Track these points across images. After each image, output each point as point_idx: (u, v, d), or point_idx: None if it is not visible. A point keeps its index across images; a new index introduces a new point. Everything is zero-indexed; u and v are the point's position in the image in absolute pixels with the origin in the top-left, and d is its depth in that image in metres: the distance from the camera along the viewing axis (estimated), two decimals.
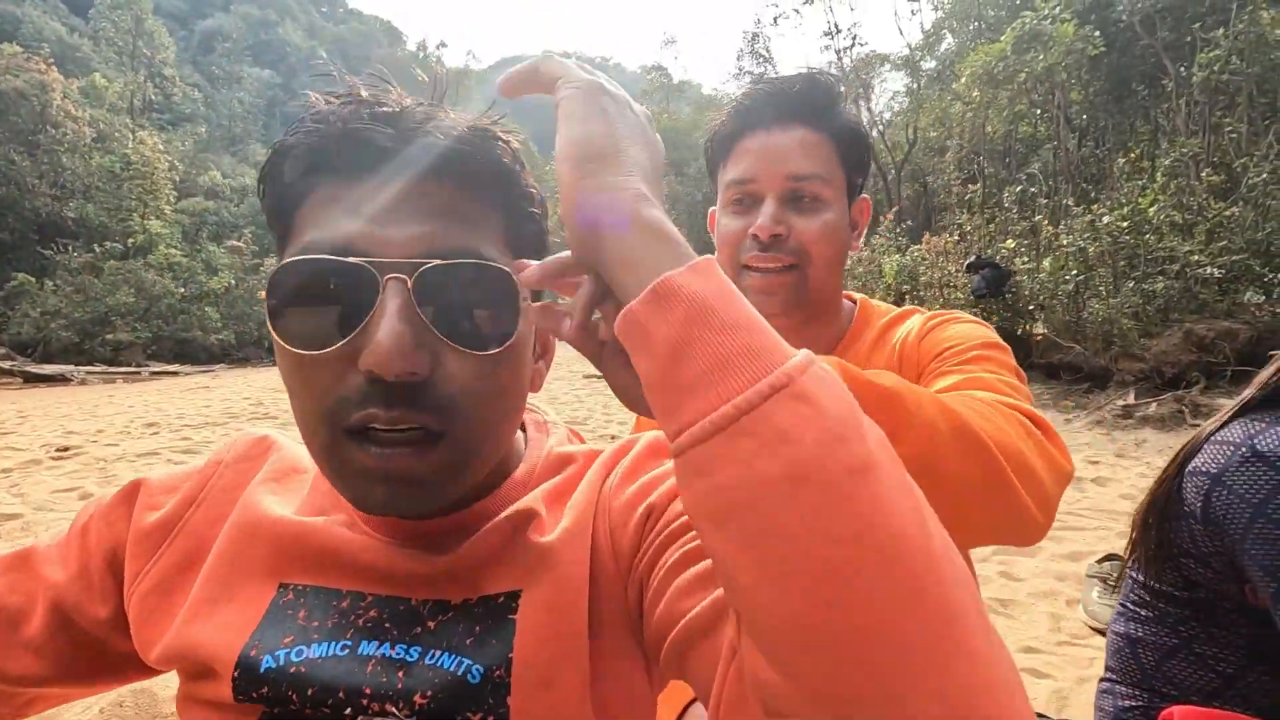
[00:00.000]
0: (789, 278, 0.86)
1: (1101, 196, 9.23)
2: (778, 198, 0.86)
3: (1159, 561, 1.12)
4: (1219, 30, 9.56)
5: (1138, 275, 6.88)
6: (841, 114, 0.91)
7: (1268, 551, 0.92)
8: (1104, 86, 12.39)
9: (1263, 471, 0.93)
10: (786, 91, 0.88)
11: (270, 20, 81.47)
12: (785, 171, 0.86)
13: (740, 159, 0.89)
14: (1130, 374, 6.39)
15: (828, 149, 0.88)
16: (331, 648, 0.51)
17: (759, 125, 0.88)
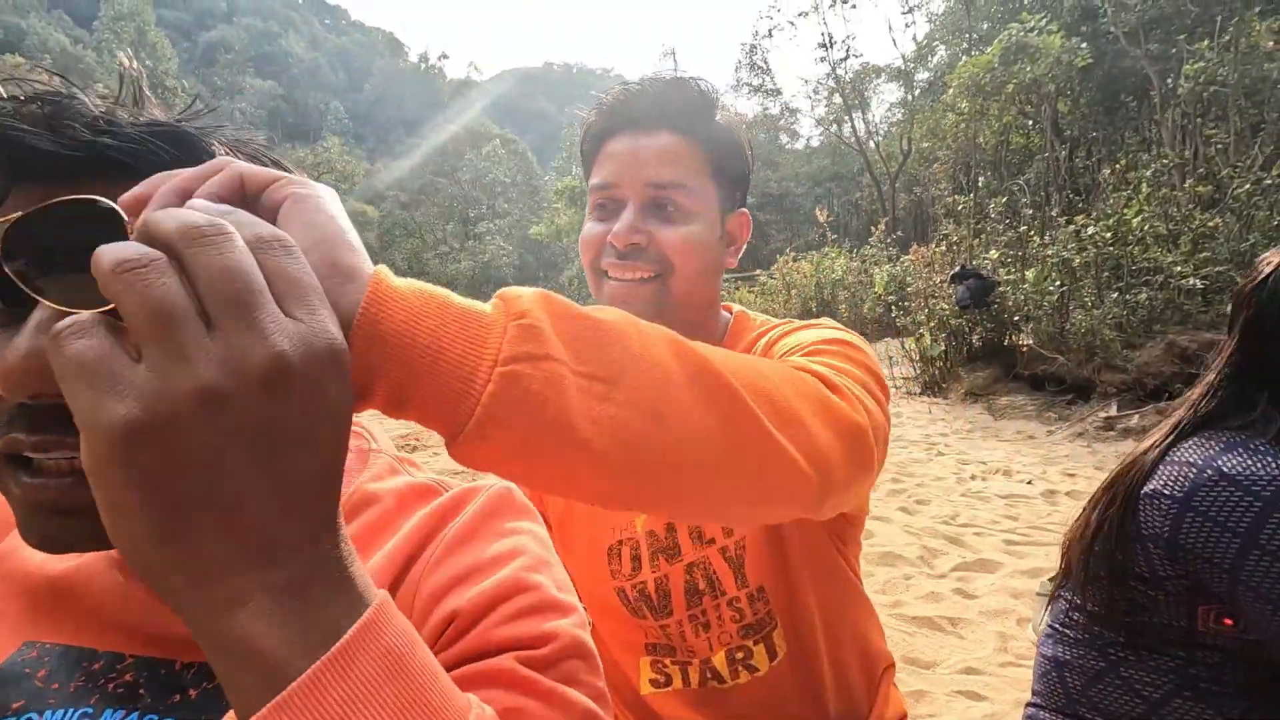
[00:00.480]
0: (649, 288, 0.82)
1: (1089, 207, 9.23)
2: (639, 205, 0.82)
3: (1100, 584, 1.10)
4: (1204, 42, 9.59)
5: (1121, 286, 6.85)
6: (716, 123, 0.86)
7: (1273, 584, 0.91)
8: (1094, 98, 12.43)
9: (1238, 497, 0.92)
10: (655, 94, 0.84)
11: (273, 32, 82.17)
12: (647, 178, 0.81)
13: (605, 162, 0.84)
14: (1113, 385, 6.34)
15: (697, 158, 0.84)
16: (69, 715, 0.45)
17: (625, 128, 0.83)
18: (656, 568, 0.88)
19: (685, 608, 0.88)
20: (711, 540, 0.87)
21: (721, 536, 0.87)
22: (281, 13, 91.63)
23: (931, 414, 7.09)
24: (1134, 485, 1.05)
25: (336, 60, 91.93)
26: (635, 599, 0.90)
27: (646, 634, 0.92)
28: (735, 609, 0.88)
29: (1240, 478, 0.91)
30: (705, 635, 0.89)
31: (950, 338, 8.04)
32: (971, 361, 7.90)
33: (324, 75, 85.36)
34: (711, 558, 0.87)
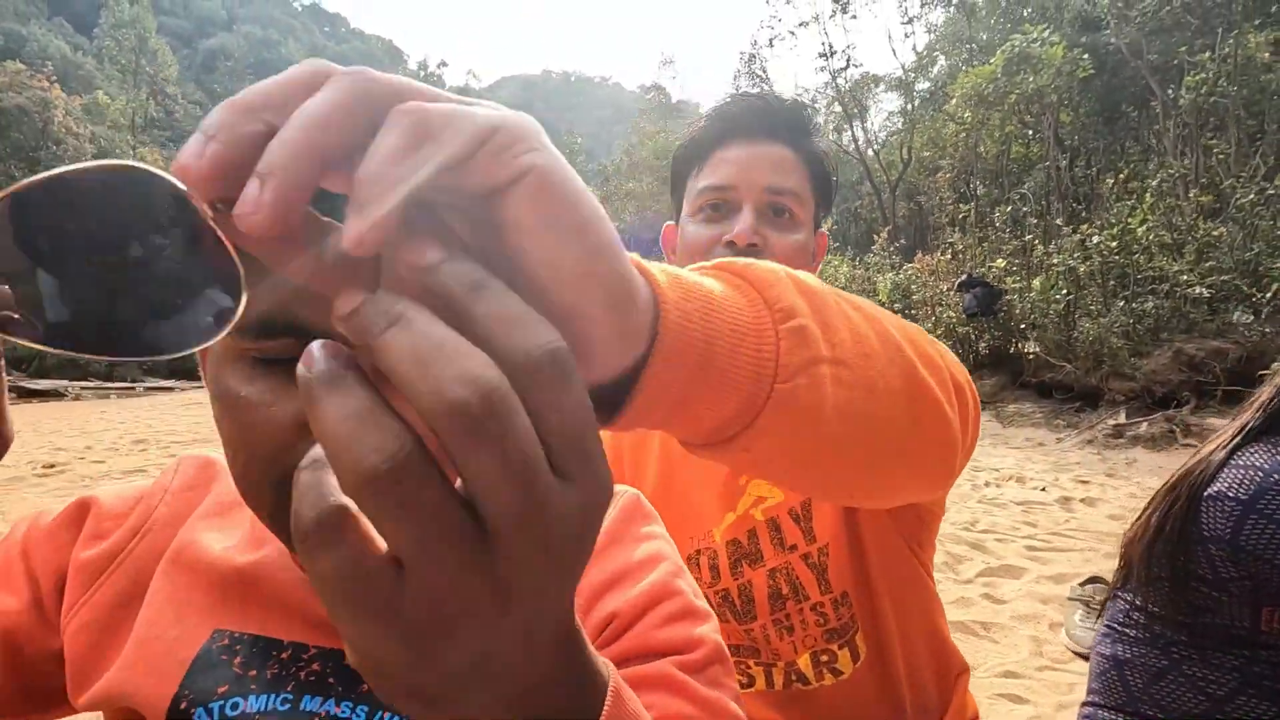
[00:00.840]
0: None
1: (1092, 216, 9.31)
2: (755, 208, 0.86)
3: (1162, 586, 1.12)
4: (1205, 54, 9.70)
5: (1127, 295, 6.91)
6: (818, 143, 0.92)
7: None
8: (1095, 108, 12.55)
9: None
10: (773, 108, 0.89)
11: (273, 40, 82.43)
12: (766, 183, 0.86)
13: (718, 167, 0.88)
14: (1121, 393, 6.39)
15: (802, 172, 0.89)
16: (271, 701, 0.47)
17: (741, 135, 0.87)
18: (739, 574, 0.90)
19: (769, 612, 0.90)
20: (794, 546, 0.89)
21: (804, 543, 0.89)
22: (281, 20, 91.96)
23: None
24: (1197, 487, 1.07)
25: None
26: (718, 604, 0.91)
27: (729, 636, 0.93)
28: (819, 613, 0.89)
29: None
30: (790, 638, 0.90)
31: (957, 345, 8.09)
32: (979, 369, 7.95)
33: None
34: (794, 563, 0.89)
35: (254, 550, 0.53)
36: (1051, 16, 12.81)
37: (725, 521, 0.90)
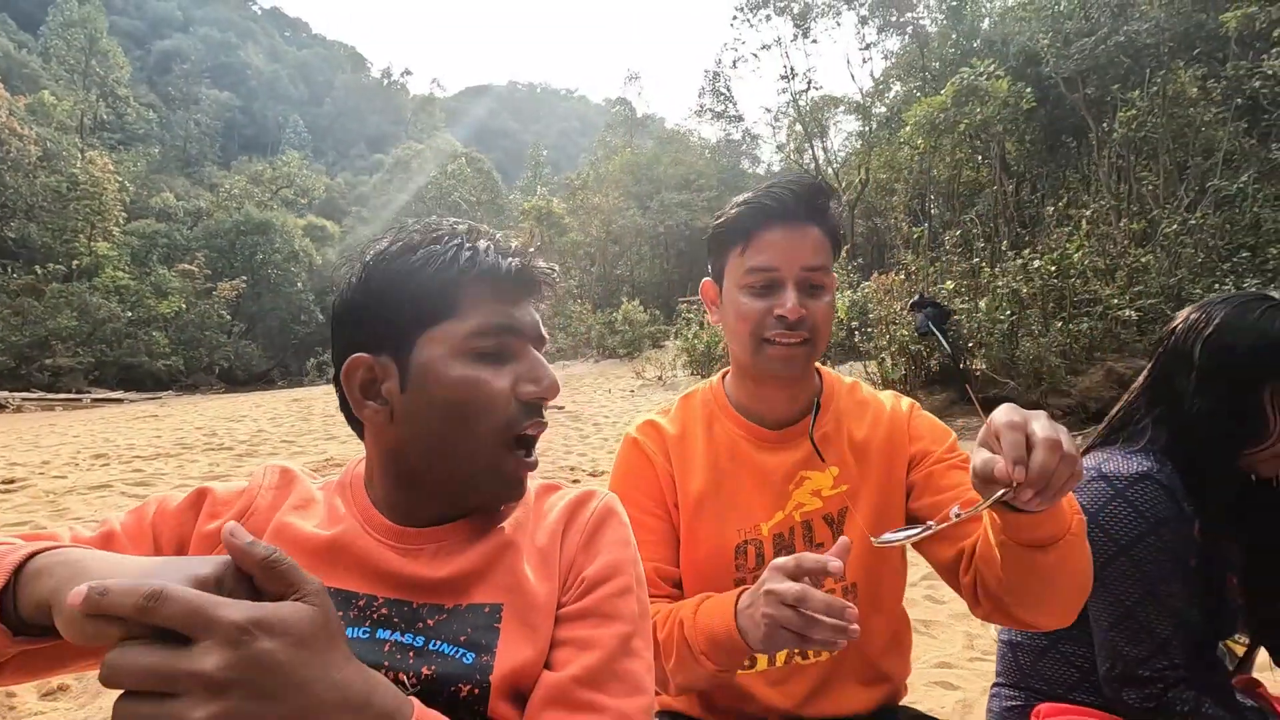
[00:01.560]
0: (804, 350, 1.07)
1: (1035, 240, 9.86)
2: (796, 285, 1.05)
3: None
4: (1136, 91, 10.38)
5: (1065, 316, 7.37)
6: (836, 212, 1.14)
7: (1091, 550, 1.09)
8: (1038, 138, 13.26)
9: (1102, 487, 1.15)
10: (804, 194, 1.08)
11: (231, 43, 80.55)
12: (804, 263, 1.06)
13: (764, 249, 1.07)
14: (1059, 409, 6.81)
15: (828, 245, 1.10)
16: (355, 632, 0.67)
17: (778, 220, 1.07)
18: None
19: None
20: (821, 544, 1.10)
21: (831, 541, 1.07)
22: (240, 24, 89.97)
23: None
24: None
25: (297, 73, 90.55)
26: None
27: None
28: None
29: (1109, 474, 1.14)
30: None
31: (909, 362, 8.48)
32: (929, 385, 8.35)
33: (283, 88, 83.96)
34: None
35: (333, 527, 0.73)
36: (997, 50, 13.52)
37: (774, 519, 1.11)
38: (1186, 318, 1.21)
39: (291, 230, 39.15)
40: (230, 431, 8.66)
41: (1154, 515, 1.10)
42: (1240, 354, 1.12)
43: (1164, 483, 1.13)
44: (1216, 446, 1.15)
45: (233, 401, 16.05)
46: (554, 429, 8.51)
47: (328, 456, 6.45)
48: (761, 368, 1.08)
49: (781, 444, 1.13)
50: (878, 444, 1.14)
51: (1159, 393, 1.23)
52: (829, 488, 1.12)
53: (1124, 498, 1.13)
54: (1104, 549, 1.11)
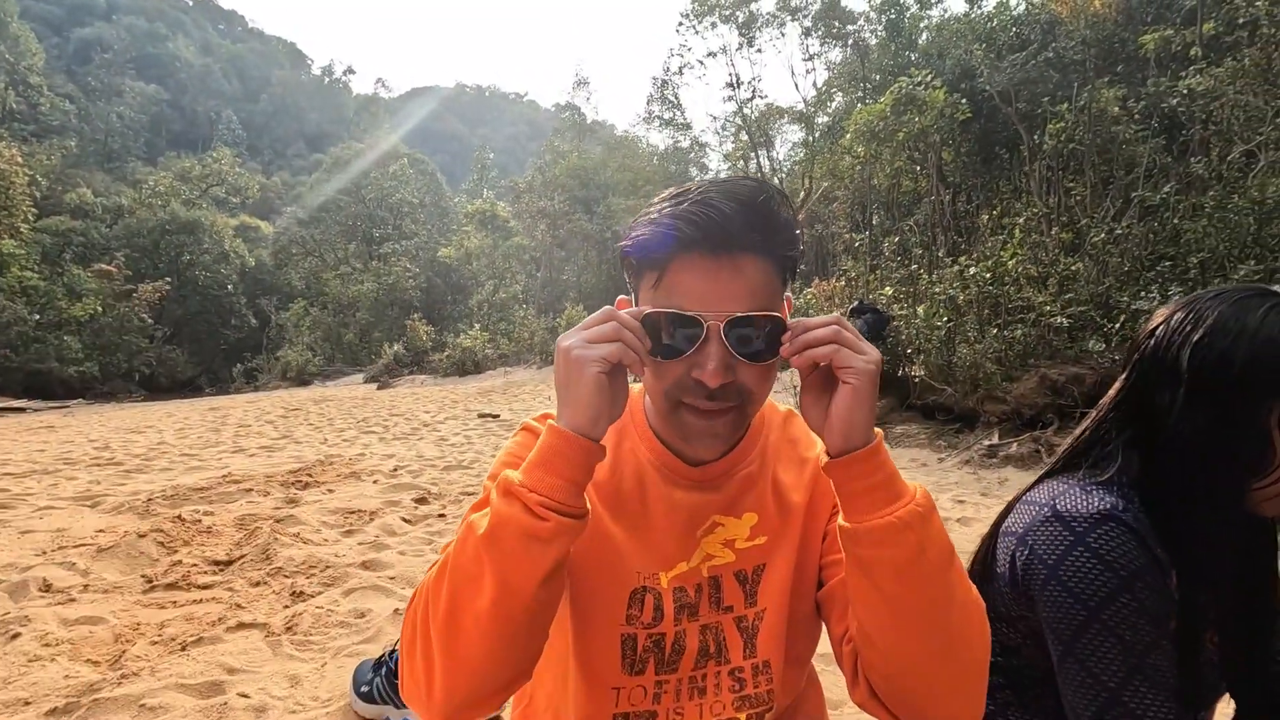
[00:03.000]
0: (729, 418, 0.82)
1: (971, 248, 9.99)
2: (722, 340, 0.76)
3: None
4: (1064, 105, 10.68)
5: (1000, 323, 7.41)
6: (785, 232, 0.81)
7: (1055, 615, 0.93)
8: (973, 149, 13.56)
9: (1059, 531, 0.94)
10: (740, 218, 0.76)
11: (159, 34, 76.84)
12: (734, 309, 0.76)
13: (678, 288, 0.77)
14: (994, 415, 6.81)
15: (774, 275, 0.80)
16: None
17: (705, 250, 0.76)
18: (679, 622, 0.90)
19: (691, 668, 0.90)
20: (729, 607, 0.91)
21: (742, 605, 0.91)
22: (170, 14, 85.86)
23: None
24: (997, 523, 1.08)
25: (231, 68, 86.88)
26: (644, 648, 0.89)
27: (621, 700, 0.89)
28: (736, 679, 0.91)
29: (1065, 514, 0.93)
30: (698, 701, 0.90)
31: None
32: None
33: (216, 82, 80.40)
34: (725, 624, 0.91)
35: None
36: (935, 63, 13.79)
37: (676, 569, 0.90)
38: (1169, 318, 0.99)
39: (222, 230, 37.59)
40: (126, 445, 7.94)
41: (1125, 567, 0.88)
42: (1239, 365, 0.89)
43: (1131, 524, 0.90)
44: (1210, 480, 0.93)
45: (144, 411, 15.00)
46: (485, 437, 8.13)
47: (227, 471, 5.91)
48: (676, 431, 0.86)
49: (697, 482, 0.92)
50: (804, 490, 0.95)
51: (1133, 410, 1.01)
52: (744, 539, 0.92)
53: (1086, 545, 0.90)
54: (1071, 614, 0.89)
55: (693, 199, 0.77)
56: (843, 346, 0.72)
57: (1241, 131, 9.05)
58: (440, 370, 20.74)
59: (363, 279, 32.28)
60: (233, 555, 3.55)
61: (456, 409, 11.49)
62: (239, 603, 2.94)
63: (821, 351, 0.73)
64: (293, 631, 2.64)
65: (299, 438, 8.57)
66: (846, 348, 0.72)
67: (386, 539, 3.91)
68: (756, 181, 0.80)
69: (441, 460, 6.48)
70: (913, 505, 0.71)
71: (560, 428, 0.72)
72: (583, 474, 0.72)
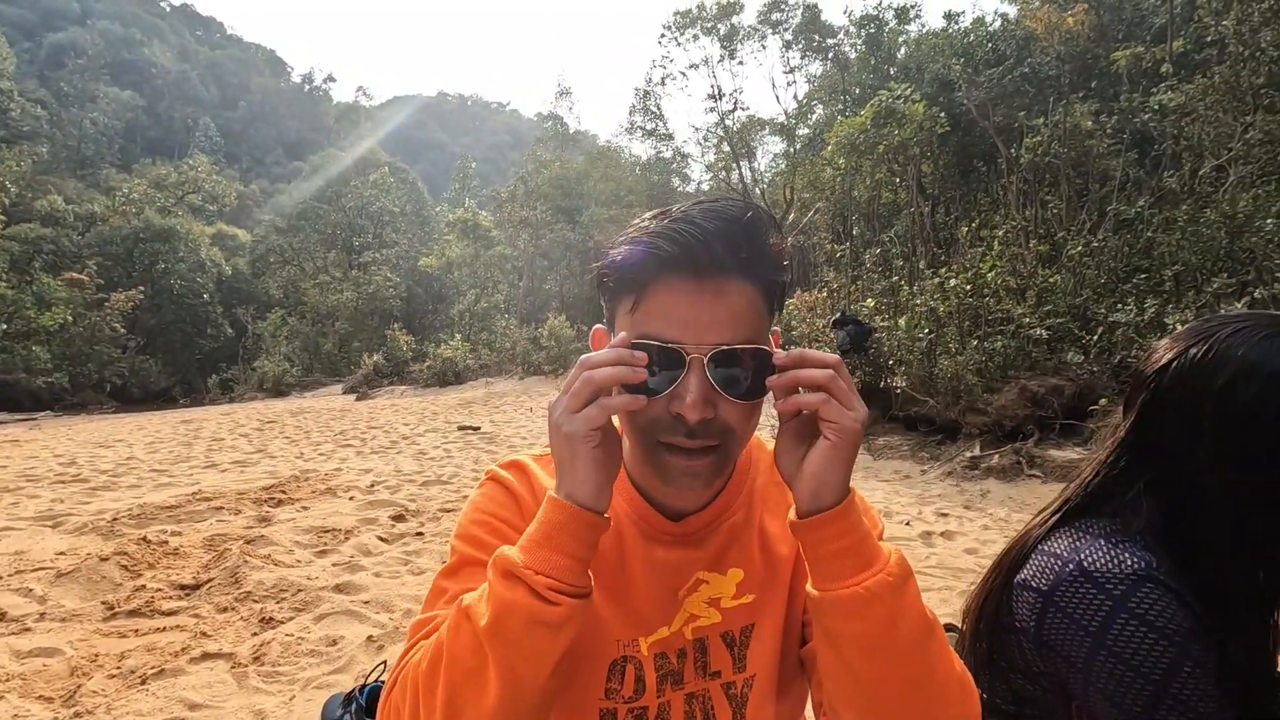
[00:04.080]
0: (710, 459, 0.73)
1: (951, 260, 10.08)
2: (705, 371, 0.69)
3: (988, 672, 1.06)
4: (1040, 119, 10.85)
5: (980, 334, 7.46)
6: (773, 256, 0.75)
7: (1118, 690, 0.86)
8: (951, 161, 13.74)
9: (1093, 594, 0.87)
10: (726, 240, 0.70)
11: (135, 39, 75.81)
12: (718, 338, 0.69)
13: (658, 312, 0.70)
14: (976, 427, 6.84)
15: (761, 304, 0.73)
16: None
17: (688, 272, 0.70)
18: (663, 693, 0.83)
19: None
20: (717, 673, 0.84)
21: (730, 670, 0.85)
22: (146, 20, 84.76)
23: None
24: (1010, 569, 1.02)
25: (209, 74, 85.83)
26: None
27: None
28: None
29: (1097, 574, 0.87)
30: None
31: None
32: None
33: (193, 89, 79.36)
34: (713, 691, 0.85)
35: None
36: (913, 76, 13.97)
37: (657, 634, 0.83)
38: (1183, 354, 0.90)
39: (198, 238, 37.01)
40: (94, 460, 7.70)
41: (1179, 633, 0.82)
42: (1271, 416, 0.81)
43: (1168, 583, 0.84)
44: (1242, 538, 0.86)
45: (115, 423, 14.64)
46: (465, 450, 8.00)
47: (197, 488, 5.74)
48: (655, 472, 0.77)
49: (679, 538, 0.84)
50: (792, 540, 0.84)
51: (1148, 454, 0.93)
52: (730, 596, 0.84)
53: (1130, 612, 0.84)
54: (1135, 690, 0.82)
55: (674, 216, 0.72)
56: (833, 398, 0.66)
57: (1212, 147, 9.24)
58: (420, 381, 20.50)
59: (342, 288, 31.90)
60: (200, 579, 3.42)
61: (436, 421, 11.33)
62: (205, 630, 2.82)
63: (809, 400, 0.67)
64: (260, 661, 2.53)
65: (274, 452, 8.38)
66: (837, 400, 0.66)
67: (362, 559, 3.80)
68: (744, 202, 0.75)
69: (420, 475, 6.36)
70: (882, 575, 0.64)
71: (562, 500, 0.67)
72: (588, 550, 0.67)
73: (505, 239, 28.62)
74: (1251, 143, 8.50)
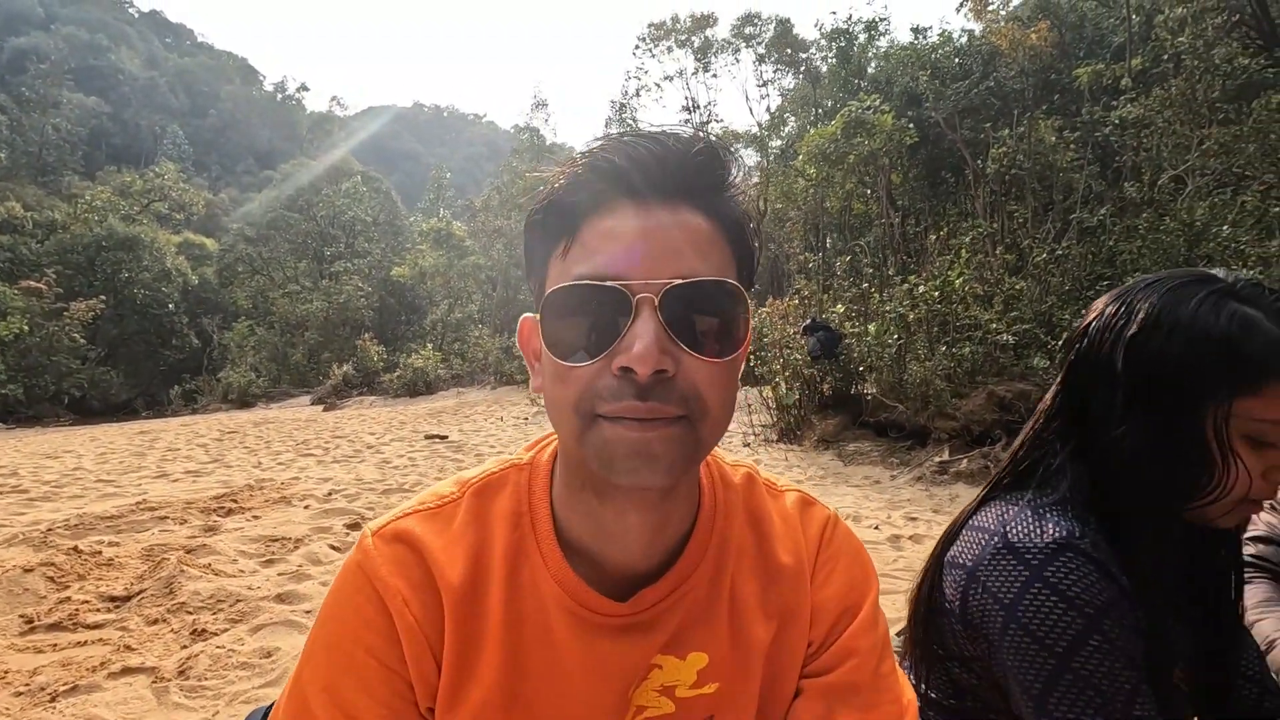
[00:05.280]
0: (674, 432, 0.53)
1: (919, 268, 10.18)
2: (660, 314, 0.53)
3: (927, 663, 0.98)
4: (1005, 131, 11.06)
5: (948, 340, 7.49)
6: (738, 204, 0.60)
7: (1021, 664, 0.80)
8: (920, 173, 13.94)
9: (1013, 565, 0.82)
10: (678, 155, 0.56)
11: (101, 45, 74.40)
12: (675, 271, 0.53)
13: (596, 244, 0.55)
14: (945, 432, 6.84)
15: (726, 249, 0.58)
16: None
17: (630, 196, 0.55)
18: None
19: None
20: None
21: None
22: (113, 25, 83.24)
23: (788, 461, 7.28)
24: (942, 549, 0.97)
25: (177, 82, 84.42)
26: None
27: None
28: None
29: (1019, 545, 0.82)
30: None
31: (804, 386, 8.39)
32: (823, 409, 8.27)
33: (161, 96, 77.98)
34: None
35: None
36: (883, 89, 14.18)
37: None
38: (1101, 311, 0.88)
39: (164, 247, 36.25)
40: (38, 471, 7.36)
41: (1090, 603, 0.76)
42: (1175, 363, 0.80)
43: (1090, 552, 0.79)
44: (1150, 494, 0.82)
45: (67, 435, 14.12)
46: (431, 459, 7.80)
47: (142, 497, 5.48)
48: (600, 464, 0.54)
49: (629, 625, 0.63)
50: (771, 618, 0.68)
51: (1073, 417, 0.90)
52: (689, 685, 0.65)
53: (1044, 581, 0.78)
54: (1038, 664, 0.77)
55: (612, 137, 0.58)
56: None
57: (1170, 158, 9.47)
58: (391, 391, 20.15)
59: (312, 298, 31.35)
60: (131, 590, 3.23)
61: (404, 430, 11.09)
62: (129, 644, 2.63)
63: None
64: (185, 675, 2.36)
65: (230, 462, 8.10)
66: None
67: (310, 569, 3.62)
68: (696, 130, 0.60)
69: (381, 483, 6.16)
70: None
71: None
72: None
73: (479, 249, 28.41)
74: (1207, 154, 8.73)
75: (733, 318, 0.55)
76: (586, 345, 0.53)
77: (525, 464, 0.68)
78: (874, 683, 0.66)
